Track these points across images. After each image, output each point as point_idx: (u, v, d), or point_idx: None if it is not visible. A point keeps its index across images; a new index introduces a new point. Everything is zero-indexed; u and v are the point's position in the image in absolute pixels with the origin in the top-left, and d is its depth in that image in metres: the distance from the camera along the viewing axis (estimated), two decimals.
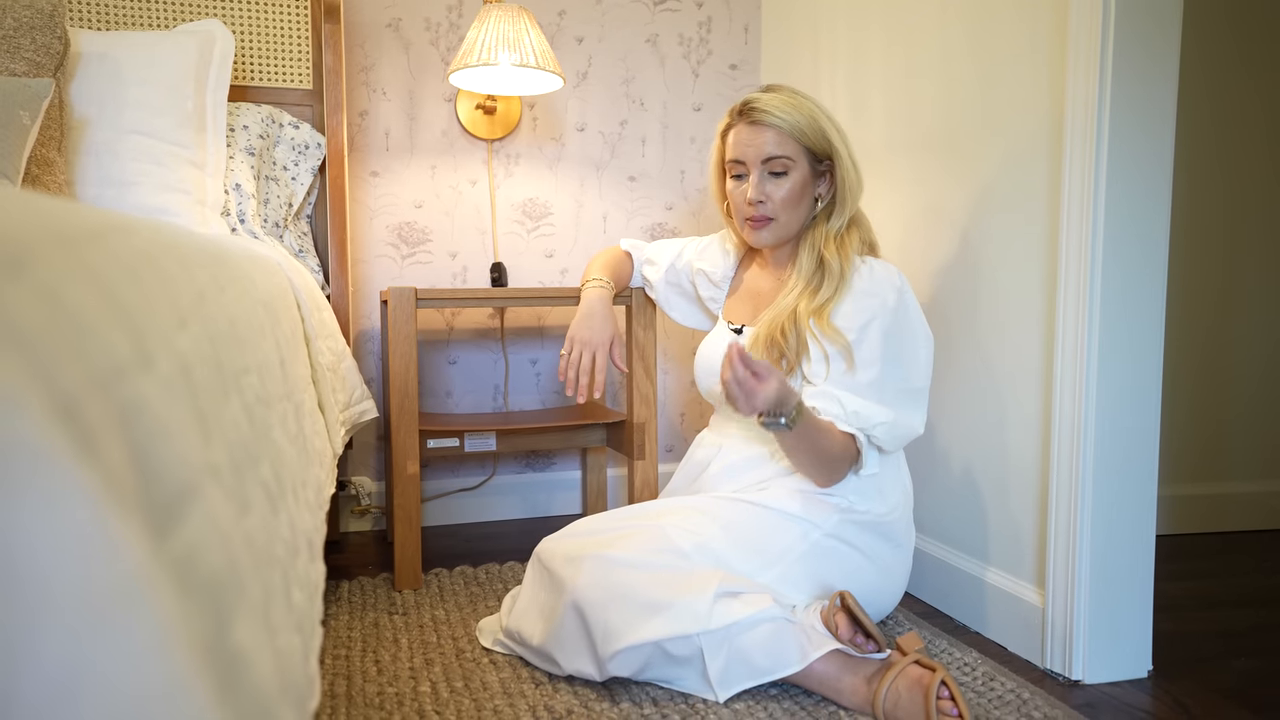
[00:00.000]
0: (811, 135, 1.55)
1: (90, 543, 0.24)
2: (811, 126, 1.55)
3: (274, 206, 2.04)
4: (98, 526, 0.25)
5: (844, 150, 1.56)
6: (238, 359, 0.61)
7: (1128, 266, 1.41)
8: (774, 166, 1.55)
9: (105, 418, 0.31)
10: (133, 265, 0.43)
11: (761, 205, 1.57)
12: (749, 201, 1.57)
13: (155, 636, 0.26)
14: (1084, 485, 1.43)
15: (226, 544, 0.41)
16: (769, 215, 1.57)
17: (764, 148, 1.55)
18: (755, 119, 1.55)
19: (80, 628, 0.23)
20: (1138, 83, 1.38)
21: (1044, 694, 1.37)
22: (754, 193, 1.56)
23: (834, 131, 1.57)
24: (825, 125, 1.56)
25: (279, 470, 0.66)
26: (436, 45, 2.34)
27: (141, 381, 0.35)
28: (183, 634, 0.29)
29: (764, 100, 1.56)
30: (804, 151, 1.56)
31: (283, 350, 0.93)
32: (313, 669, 0.64)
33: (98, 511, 0.25)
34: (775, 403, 1.35)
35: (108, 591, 0.24)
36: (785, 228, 1.59)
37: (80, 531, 0.24)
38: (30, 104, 1.50)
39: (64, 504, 0.24)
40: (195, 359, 0.46)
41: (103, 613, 0.24)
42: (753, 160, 1.56)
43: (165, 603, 0.27)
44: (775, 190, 1.56)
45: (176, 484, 0.36)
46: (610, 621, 1.32)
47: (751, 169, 1.57)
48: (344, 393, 1.74)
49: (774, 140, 1.54)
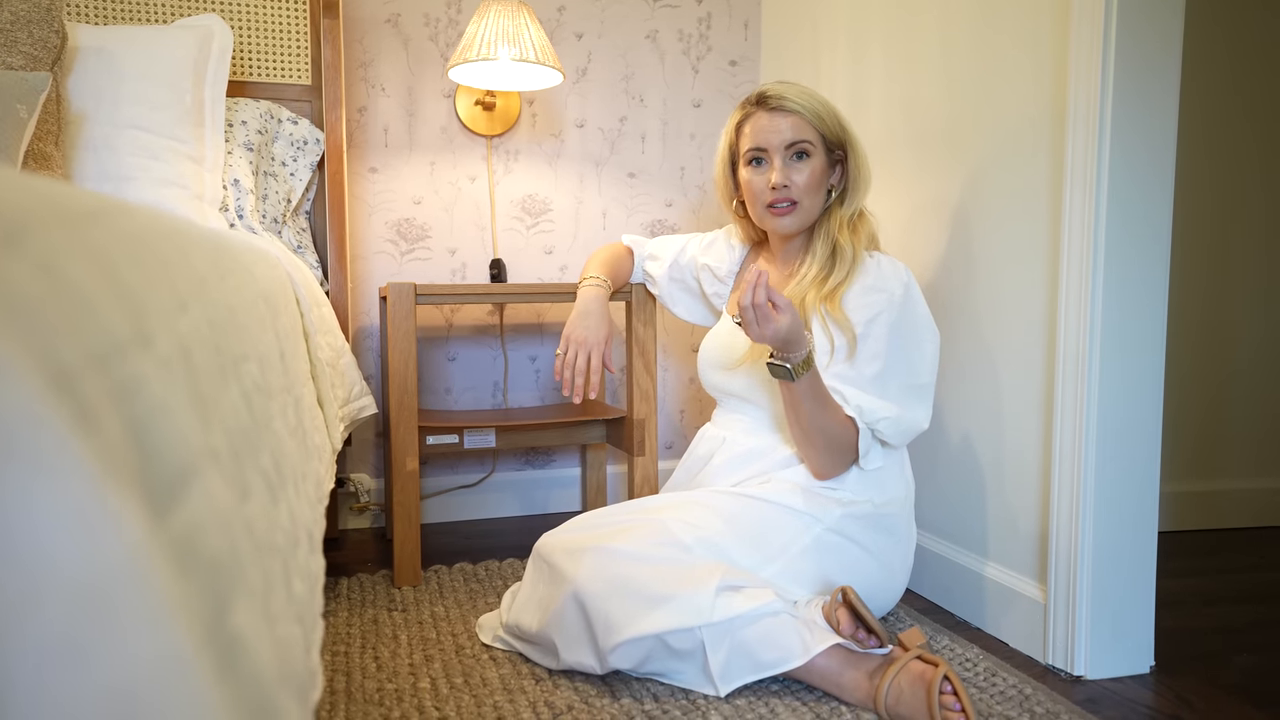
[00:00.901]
0: (829, 121, 1.58)
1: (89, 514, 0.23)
2: (828, 113, 1.58)
3: (272, 202, 2.03)
4: (97, 498, 0.24)
5: (857, 138, 1.60)
6: (237, 346, 0.60)
7: (1130, 260, 1.41)
8: (796, 150, 1.57)
9: (104, 393, 0.30)
10: (133, 246, 0.42)
11: (786, 189, 1.57)
12: (773, 186, 1.57)
13: (155, 612, 0.26)
14: (1086, 480, 1.42)
15: (226, 528, 0.40)
16: (794, 199, 1.58)
17: (786, 133, 1.56)
18: (775, 105, 1.58)
19: (79, 600, 0.23)
20: (1140, 74, 1.38)
21: (1046, 689, 1.36)
22: (778, 177, 1.57)
23: (846, 120, 1.61)
24: (838, 113, 1.60)
25: (279, 460, 0.65)
26: (435, 41, 2.34)
27: (141, 360, 0.35)
28: (182, 612, 0.28)
29: (780, 88, 1.59)
30: (821, 138, 1.58)
31: (283, 343, 0.92)
32: (314, 661, 0.63)
33: (97, 484, 0.25)
34: (785, 340, 1.37)
35: (107, 564, 0.24)
36: (808, 213, 1.60)
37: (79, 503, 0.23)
38: (27, 98, 1.50)
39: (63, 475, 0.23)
40: (195, 342, 0.46)
41: (102, 586, 0.23)
42: (776, 146, 1.57)
43: (165, 579, 0.27)
44: (798, 175, 1.57)
45: (176, 463, 0.35)
46: (611, 613, 1.31)
47: (774, 155, 1.58)
48: (343, 389, 1.73)
49: (795, 125, 1.56)
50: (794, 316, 1.37)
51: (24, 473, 0.22)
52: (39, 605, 0.22)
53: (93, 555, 0.23)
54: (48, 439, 0.24)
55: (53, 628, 0.23)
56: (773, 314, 1.35)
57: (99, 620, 0.24)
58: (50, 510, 0.22)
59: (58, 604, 0.23)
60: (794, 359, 1.40)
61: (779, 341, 1.38)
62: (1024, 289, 1.57)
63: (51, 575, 0.22)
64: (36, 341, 0.27)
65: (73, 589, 0.23)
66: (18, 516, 0.22)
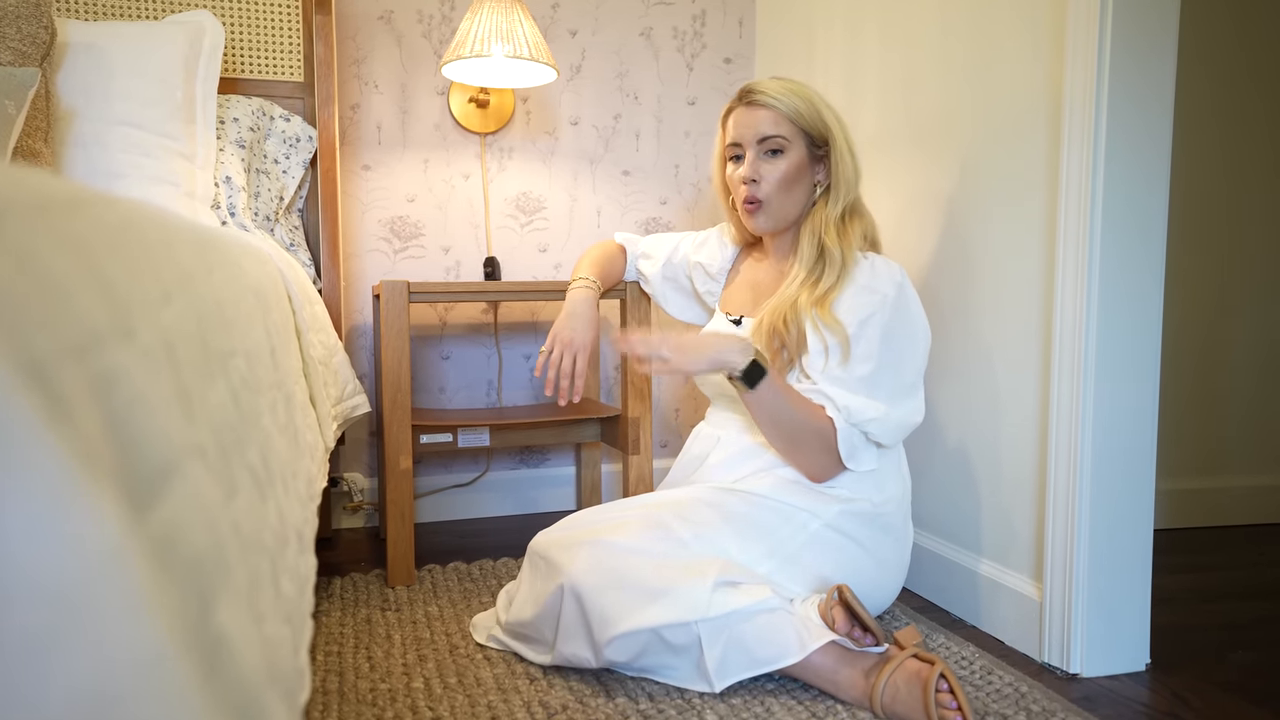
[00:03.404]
0: (808, 117, 1.56)
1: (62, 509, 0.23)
2: (808, 109, 1.56)
3: (265, 200, 2.02)
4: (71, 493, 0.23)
5: (840, 135, 1.58)
6: (224, 341, 0.59)
7: (1127, 255, 1.40)
8: (769, 146, 1.56)
9: (81, 384, 0.29)
10: (114, 237, 0.41)
11: (754, 185, 1.57)
12: (742, 180, 1.58)
13: (134, 612, 0.25)
14: (1082, 477, 1.42)
15: (211, 525, 0.39)
16: (759, 196, 1.58)
17: (759, 126, 1.56)
18: (752, 100, 1.58)
19: (51, 599, 0.22)
20: (1136, 67, 1.37)
21: (1042, 687, 1.36)
22: (747, 170, 1.57)
23: (832, 117, 1.58)
24: (822, 109, 1.58)
25: (267, 457, 0.64)
26: (429, 38, 2.32)
27: (120, 352, 0.34)
28: (162, 611, 0.27)
29: (762, 84, 1.58)
30: (800, 134, 1.57)
31: (273, 339, 0.91)
32: (303, 661, 0.62)
33: (71, 477, 0.24)
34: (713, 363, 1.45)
35: (82, 562, 0.23)
36: (780, 211, 1.59)
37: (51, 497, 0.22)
38: (15, 94, 1.48)
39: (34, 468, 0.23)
40: (179, 336, 0.45)
41: (76, 584, 0.22)
42: (749, 140, 1.57)
43: (144, 577, 0.26)
44: (769, 171, 1.57)
45: (157, 459, 0.34)
46: (608, 607, 1.31)
47: (747, 149, 1.58)
48: (336, 387, 1.72)
49: (769, 120, 1.56)
50: (696, 348, 1.45)
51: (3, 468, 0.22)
52: (8, 604, 0.21)
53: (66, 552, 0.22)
54: (18, 430, 0.23)
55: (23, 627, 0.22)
56: (664, 364, 1.45)
57: (73, 620, 0.23)
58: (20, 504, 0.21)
59: (28, 602, 0.22)
60: (737, 368, 1.44)
61: (704, 368, 1.47)
62: (1020, 284, 1.56)
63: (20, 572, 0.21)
64: (8, 331, 0.26)
65: (44, 587, 0.22)
66: None
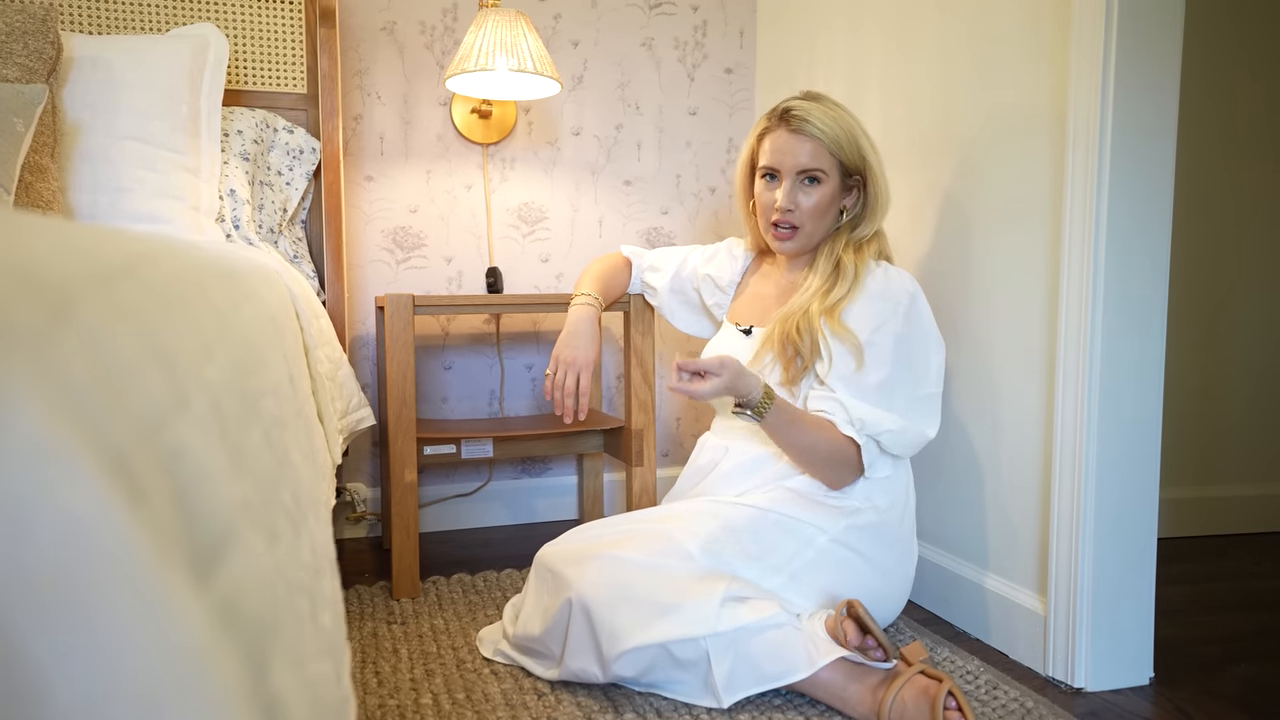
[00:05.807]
0: (848, 150, 1.57)
1: (154, 616, 0.23)
2: (849, 141, 1.57)
3: (268, 212, 2.02)
4: (159, 595, 0.24)
5: (877, 166, 1.59)
6: (256, 383, 0.60)
7: (1130, 268, 1.41)
8: (808, 175, 1.58)
9: (151, 467, 0.30)
10: (163, 298, 0.42)
11: (790, 214, 1.59)
12: (778, 208, 1.58)
13: (214, 704, 0.25)
14: (1086, 491, 1.43)
15: (264, 581, 0.40)
16: (795, 224, 1.60)
17: (799, 158, 1.57)
18: (796, 126, 1.57)
19: (148, 700, 0.23)
20: (1141, 78, 1.38)
21: (1048, 703, 1.37)
22: (785, 200, 1.58)
23: (869, 147, 1.60)
24: (861, 140, 1.59)
25: (297, 493, 0.65)
26: (431, 49, 2.33)
27: (180, 425, 0.34)
28: (236, 693, 0.28)
29: (805, 108, 1.57)
30: (837, 165, 1.58)
31: (291, 366, 0.92)
32: (346, 688, 0.62)
33: (158, 579, 0.24)
34: (728, 391, 1.45)
35: (170, 666, 0.23)
36: (810, 237, 1.62)
37: (145, 605, 0.23)
38: (24, 110, 1.48)
39: (132, 578, 0.23)
40: (223, 390, 0.46)
41: (170, 682, 0.23)
42: (788, 169, 1.58)
43: (226, 666, 0.26)
44: (806, 200, 1.58)
45: (217, 526, 0.35)
46: (616, 621, 1.31)
47: (785, 177, 1.59)
48: (341, 401, 1.72)
49: (811, 152, 1.57)
50: (730, 373, 1.44)
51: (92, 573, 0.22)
52: (107, 706, 0.22)
53: (157, 660, 0.23)
54: (107, 534, 0.24)
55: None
56: (697, 383, 1.43)
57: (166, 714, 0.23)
58: (121, 616, 0.22)
59: (124, 705, 0.22)
60: (751, 401, 1.46)
61: (721, 395, 1.45)
62: (1024, 296, 1.57)
63: (122, 680, 0.22)
64: (88, 424, 0.27)
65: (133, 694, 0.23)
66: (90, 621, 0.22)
